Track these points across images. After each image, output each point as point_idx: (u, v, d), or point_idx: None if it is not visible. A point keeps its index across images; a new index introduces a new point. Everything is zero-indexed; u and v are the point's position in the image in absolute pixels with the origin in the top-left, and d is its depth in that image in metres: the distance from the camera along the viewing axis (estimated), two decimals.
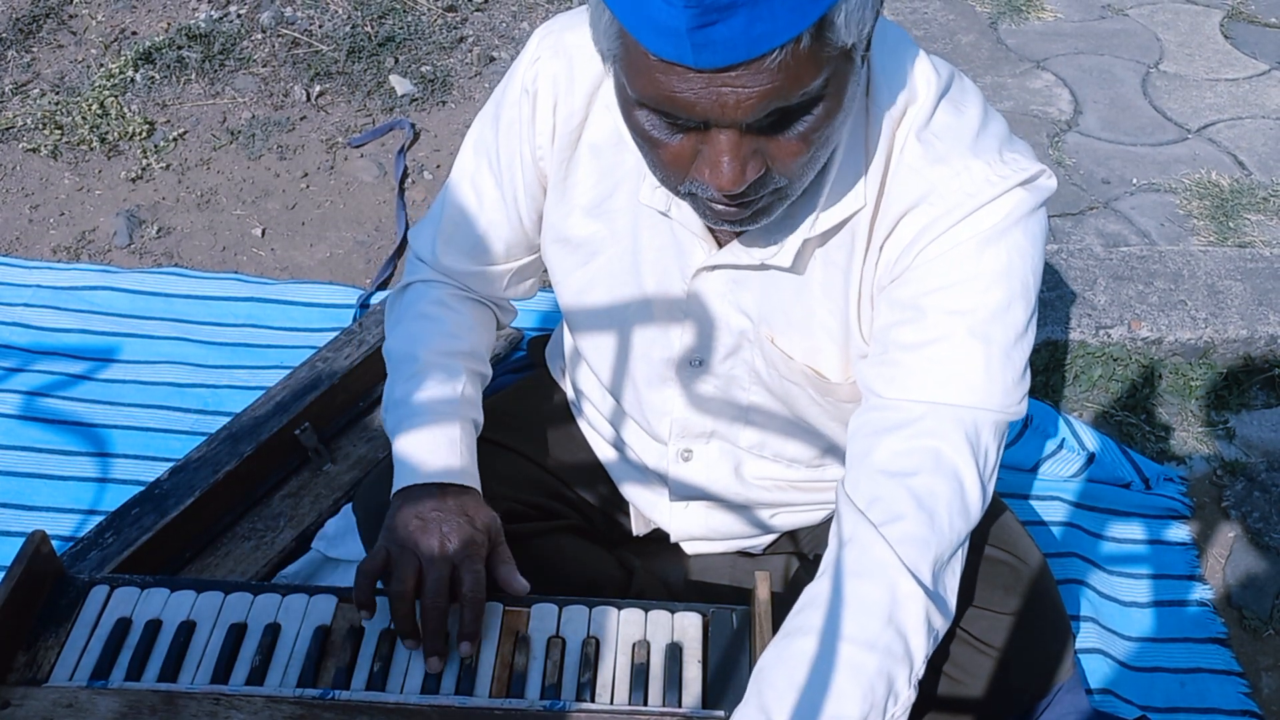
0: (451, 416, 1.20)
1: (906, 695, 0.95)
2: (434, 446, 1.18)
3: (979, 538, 1.24)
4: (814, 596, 0.98)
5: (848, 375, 1.11)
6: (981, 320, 0.99)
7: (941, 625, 0.98)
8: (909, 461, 0.98)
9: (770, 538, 1.39)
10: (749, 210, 0.93)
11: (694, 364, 1.17)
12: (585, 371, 1.32)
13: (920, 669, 0.97)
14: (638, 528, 1.42)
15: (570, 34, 1.09)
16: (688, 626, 1.13)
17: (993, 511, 1.29)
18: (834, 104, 0.87)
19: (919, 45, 1.04)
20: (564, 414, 1.42)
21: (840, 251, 1.04)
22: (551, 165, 1.13)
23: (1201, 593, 1.77)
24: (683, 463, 1.26)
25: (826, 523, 1.36)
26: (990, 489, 1.02)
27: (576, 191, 1.13)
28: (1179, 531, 1.86)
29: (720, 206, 0.92)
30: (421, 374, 1.22)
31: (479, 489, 1.19)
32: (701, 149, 0.88)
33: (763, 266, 1.06)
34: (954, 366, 0.99)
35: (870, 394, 1.04)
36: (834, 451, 1.23)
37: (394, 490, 1.18)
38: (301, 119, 2.77)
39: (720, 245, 1.07)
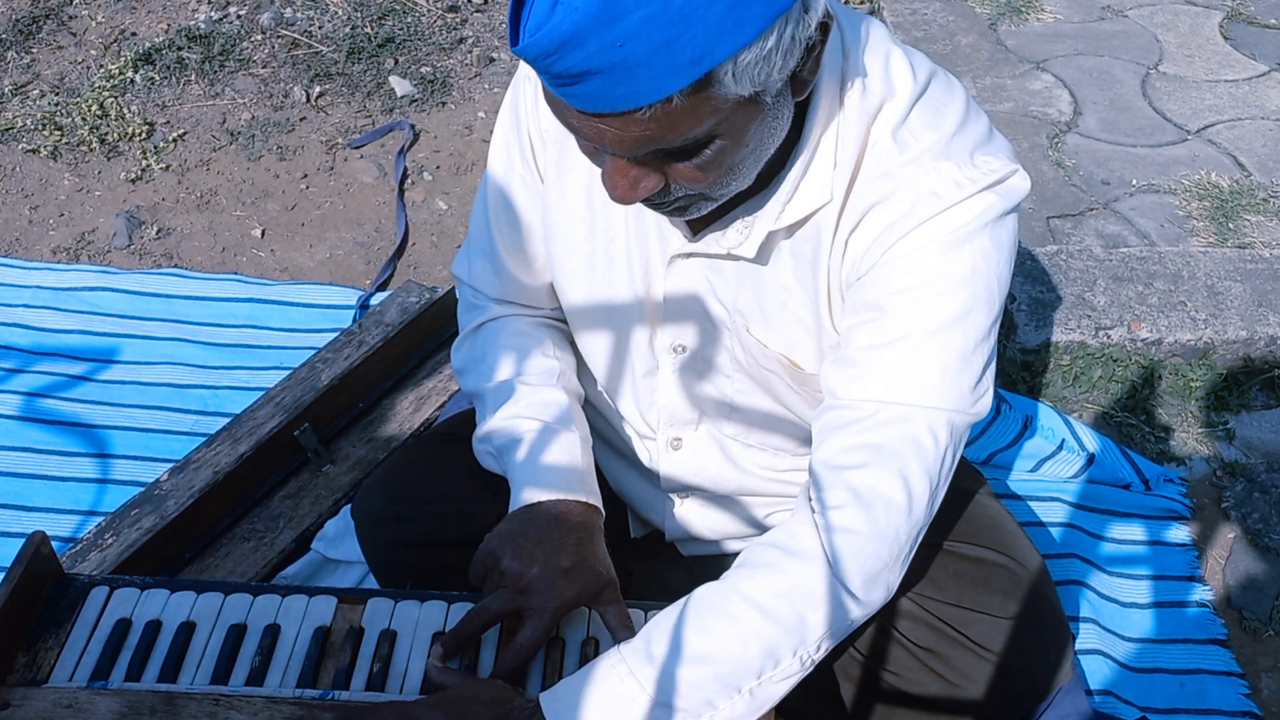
0: (566, 428, 1.19)
1: (788, 665, 0.98)
2: (552, 458, 1.17)
3: (978, 541, 1.24)
4: (739, 559, 1.04)
5: (821, 368, 1.12)
6: (942, 324, 0.99)
7: (860, 616, 1.01)
8: (853, 456, 1.00)
9: None
10: (668, 208, 0.96)
11: (677, 350, 1.18)
12: (581, 367, 1.32)
13: (813, 648, 0.99)
14: (635, 529, 1.42)
15: None
16: None
17: (991, 514, 1.29)
18: (731, 143, 0.89)
19: (901, 43, 1.04)
20: None
21: (807, 244, 1.05)
22: (552, 146, 1.14)
23: (1201, 594, 1.77)
24: (673, 452, 1.26)
25: None
26: (943, 488, 1.03)
27: (570, 175, 1.13)
28: (1179, 532, 1.86)
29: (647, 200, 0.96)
30: (523, 397, 1.20)
31: (600, 505, 1.18)
32: (603, 158, 0.92)
33: (730, 256, 1.07)
34: (910, 368, 1.00)
35: (829, 394, 1.05)
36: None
37: (524, 500, 1.15)
38: (301, 120, 2.77)
39: (696, 233, 1.08)
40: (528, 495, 1.15)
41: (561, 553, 1.10)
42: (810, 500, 1.01)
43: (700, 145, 0.87)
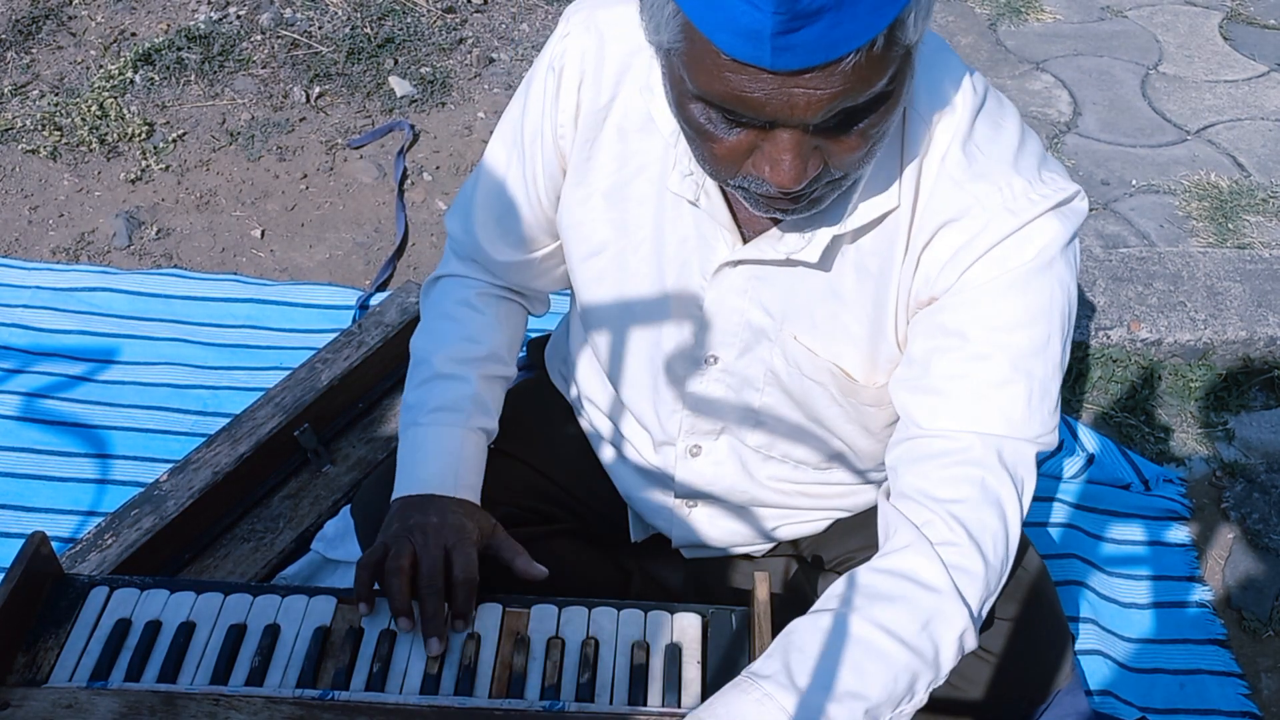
0: (454, 426, 1.22)
1: (920, 698, 0.97)
2: (433, 457, 1.20)
3: None
4: (862, 585, 0.99)
5: (872, 379, 1.11)
6: (1025, 354, 1.00)
7: (972, 647, 1.00)
8: (956, 490, 1.00)
9: (771, 544, 1.39)
10: (802, 201, 0.93)
11: (708, 361, 1.16)
12: (590, 368, 1.31)
13: (941, 680, 0.98)
14: (636, 533, 1.41)
15: (604, 11, 1.08)
16: (687, 627, 1.13)
17: None
18: (895, 101, 0.87)
19: (957, 54, 1.04)
20: (563, 416, 1.41)
21: (875, 257, 1.04)
22: (573, 145, 1.12)
23: (1201, 594, 1.77)
24: (691, 459, 1.25)
25: (829, 530, 1.36)
26: (1025, 516, 1.03)
27: (597, 175, 1.12)
28: (1178, 533, 1.86)
29: (775, 198, 0.92)
30: (432, 381, 1.24)
31: (476, 500, 1.21)
32: (761, 145, 0.87)
33: (789, 261, 1.05)
34: (997, 399, 1.00)
35: (911, 423, 1.04)
36: (842, 456, 1.23)
37: (394, 496, 1.20)
38: (301, 120, 2.77)
39: (745, 240, 1.07)
40: (403, 488, 1.20)
41: (446, 509, 1.16)
42: (920, 528, 1.00)
43: (877, 102, 0.85)
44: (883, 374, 1.10)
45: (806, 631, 0.97)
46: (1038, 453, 1.03)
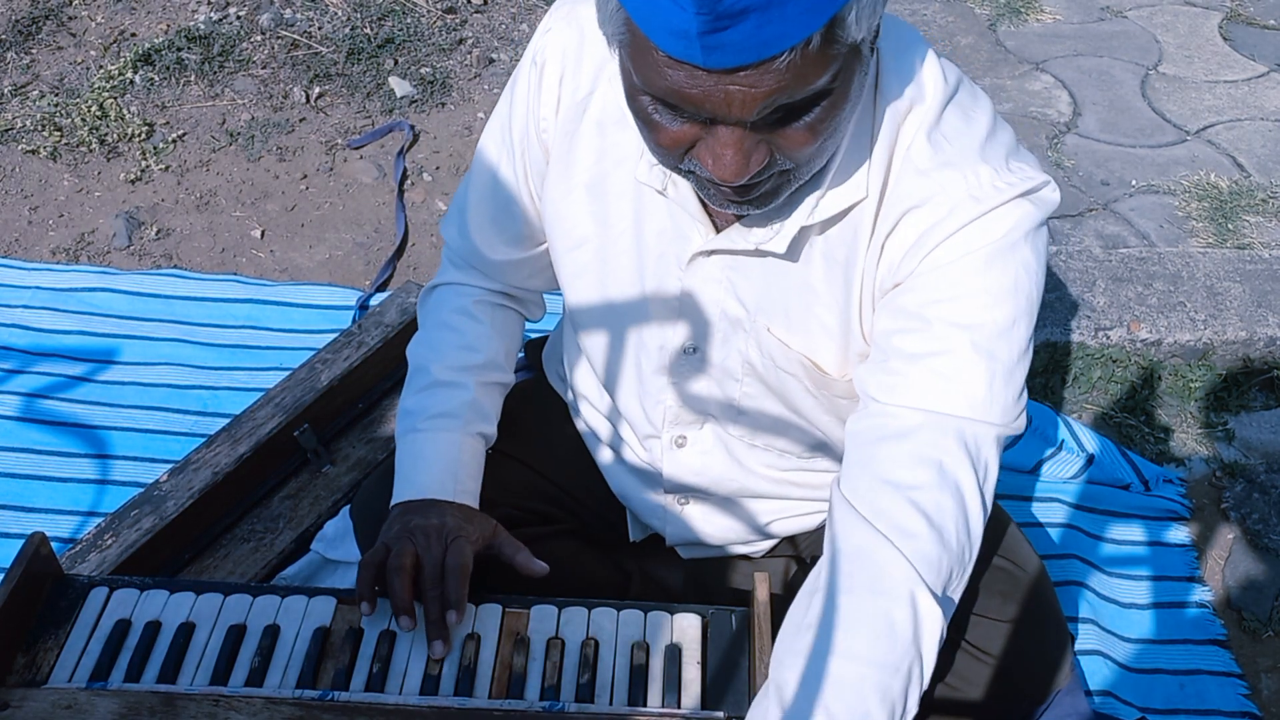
0: (452, 431, 1.23)
1: (913, 709, 0.96)
2: (432, 462, 1.21)
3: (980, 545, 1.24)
4: (835, 612, 0.97)
5: (844, 372, 1.11)
6: (986, 336, 0.99)
7: (943, 637, 0.99)
8: (913, 474, 0.98)
9: (769, 544, 1.39)
10: (754, 194, 0.93)
11: (688, 351, 1.16)
12: (582, 365, 1.32)
13: (926, 684, 0.97)
14: (634, 533, 1.41)
15: (586, 6, 1.08)
16: (687, 628, 1.13)
17: (991, 517, 1.29)
18: (840, 97, 0.87)
19: (930, 45, 1.04)
20: (561, 417, 1.42)
21: (842, 247, 1.04)
22: (555, 139, 1.13)
23: (1201, 594, 1.77)
24: (677, 450, 1.25)
25: (823, 528, 1.35)
26: (989, 502, 1.02)
27: (578, 168, 1.12)
28: (1178, 533, 1.86)
29: (721, 186, 0.92)
30: (431, 389, 1.25)
31: (475, 505, 1.22)
32: (705, 137, 0.88)
33: (758, 252, 1.05)
34: (957, 379, 0.99)
35: (868, 399, 1.03)
36: (826, 446, 1.23)
37: (393, 501, 1.20)
38: (301, 120, 2.77)
39: (718, 230, 1.07)
40: (402, 493, 1.20)
41: (446, 512, 1.18)
42: (871, 521, 0.98)
43: (818, 98, 0.86)
44: (854, 367, 1.10)
45: (802, 686, 0.94)
46: (1001, 437, 1.01)
